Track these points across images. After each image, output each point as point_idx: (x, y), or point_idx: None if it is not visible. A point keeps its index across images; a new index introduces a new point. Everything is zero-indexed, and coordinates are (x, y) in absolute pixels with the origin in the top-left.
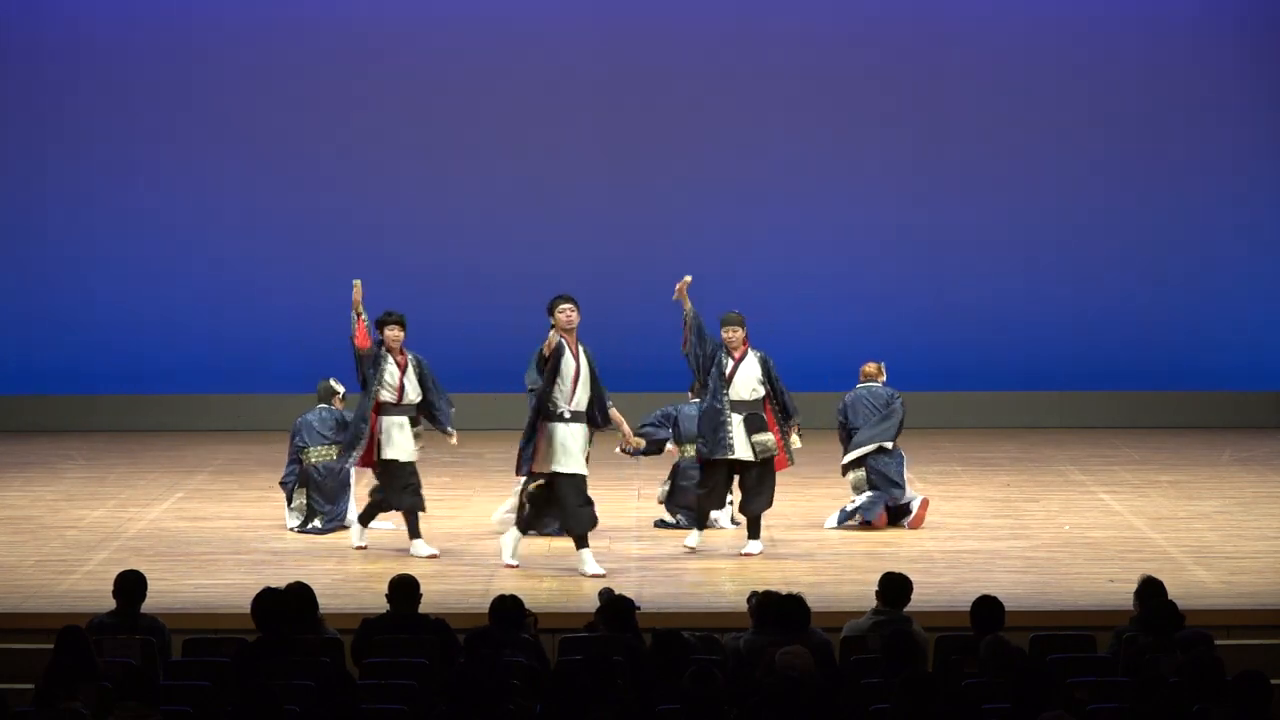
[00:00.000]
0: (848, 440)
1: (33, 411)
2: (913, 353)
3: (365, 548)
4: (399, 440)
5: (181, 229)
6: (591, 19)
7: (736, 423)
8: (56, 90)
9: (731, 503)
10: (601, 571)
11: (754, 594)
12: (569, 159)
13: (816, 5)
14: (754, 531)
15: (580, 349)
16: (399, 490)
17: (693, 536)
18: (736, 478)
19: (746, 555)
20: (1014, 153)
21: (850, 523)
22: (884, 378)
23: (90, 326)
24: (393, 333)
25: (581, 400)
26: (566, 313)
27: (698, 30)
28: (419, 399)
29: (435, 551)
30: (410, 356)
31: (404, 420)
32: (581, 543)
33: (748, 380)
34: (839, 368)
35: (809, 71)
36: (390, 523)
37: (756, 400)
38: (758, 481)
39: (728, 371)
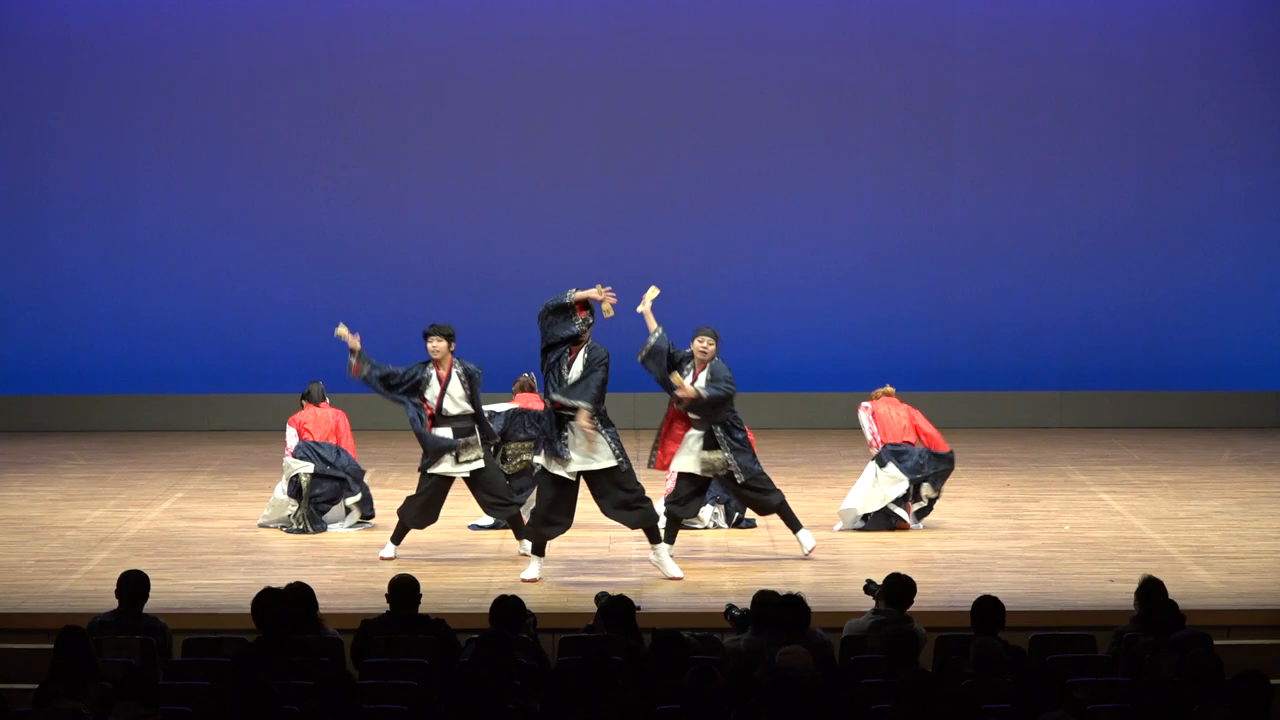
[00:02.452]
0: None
1: (33, 411)
2: (913, 353)
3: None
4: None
5: (181, 229)
6: (592, 19)
7: (693, 438)
8: (57, 90)
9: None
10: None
11: (731, 606)
12: (569, 159)
13: (816, 6)
14: (793, 525)
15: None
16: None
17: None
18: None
19: (809, 552)
20: (1014, 153)
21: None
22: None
23: (90, 326)
24: (433, 344)
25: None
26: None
27: (698, 30)
28: (468, 411)
29: (393, 555)
30: (458, 368)
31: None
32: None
33: None
34: (839, 368)
35: (809, 72)
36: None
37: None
38: (739, 489)
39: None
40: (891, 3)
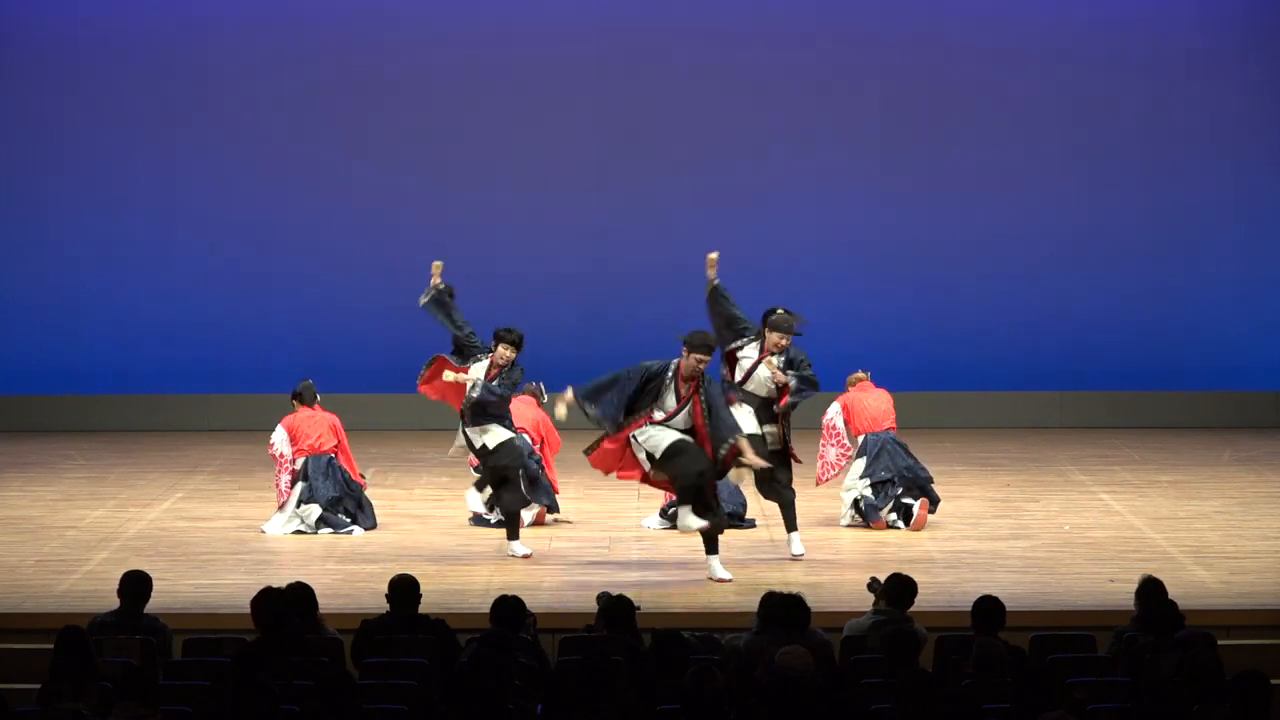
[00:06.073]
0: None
1: (33, 411)
2: (913, 352)
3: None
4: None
5: (182, 229)
6: (593, 18)
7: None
8: (58, 89)
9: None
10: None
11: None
12: (569, 160)
13: (817, 8)
14: (790, 524)
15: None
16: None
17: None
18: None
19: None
20: (1015, 152)
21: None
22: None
23: (90, 326)
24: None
25: None
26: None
27: (699, 31)
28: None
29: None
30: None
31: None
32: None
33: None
34: (837, 368)
35: (809, 73)
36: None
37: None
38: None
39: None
40: (891, 3)
